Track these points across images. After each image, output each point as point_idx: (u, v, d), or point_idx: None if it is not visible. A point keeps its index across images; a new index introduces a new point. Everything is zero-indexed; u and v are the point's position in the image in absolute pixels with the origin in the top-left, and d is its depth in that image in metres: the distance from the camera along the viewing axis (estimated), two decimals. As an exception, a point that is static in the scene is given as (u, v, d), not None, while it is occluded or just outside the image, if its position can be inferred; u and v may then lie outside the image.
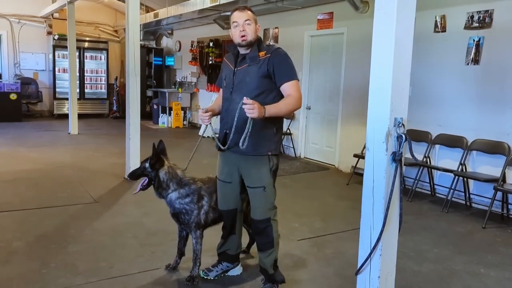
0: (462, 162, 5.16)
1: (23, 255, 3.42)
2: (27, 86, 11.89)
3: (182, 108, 11.30)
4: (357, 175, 6.07)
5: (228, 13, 8.57)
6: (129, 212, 4.53)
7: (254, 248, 3.30)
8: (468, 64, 5.22)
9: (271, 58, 2.71)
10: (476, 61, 5.13)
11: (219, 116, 2.97)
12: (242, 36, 2.71)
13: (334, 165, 7.21)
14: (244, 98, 2.50)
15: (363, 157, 5.68)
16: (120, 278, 3.09)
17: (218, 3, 7.68)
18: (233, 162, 2.85)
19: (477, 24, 5.10)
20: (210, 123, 2.88)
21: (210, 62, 10.22)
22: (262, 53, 2.74)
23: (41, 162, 6.70)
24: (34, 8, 11.77)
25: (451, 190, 5.08)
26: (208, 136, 9.75)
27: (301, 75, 7.78)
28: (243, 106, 2.49)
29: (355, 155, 6.06)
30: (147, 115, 11.90)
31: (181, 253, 3.25)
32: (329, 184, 6.19)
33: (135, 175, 3.08)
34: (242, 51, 2.79)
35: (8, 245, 3.59)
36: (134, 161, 5.82)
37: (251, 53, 2.76)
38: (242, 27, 2.71)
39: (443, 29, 5.47)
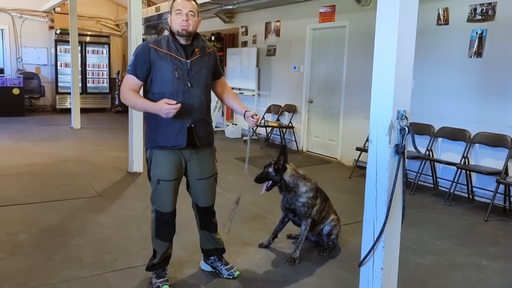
0: (464, 155, 5.17)
1: (29, 248, 3.46)
2: (29, 80, 11.91)
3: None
4: (359, 169, 6.08)
5: (230, 7, 8.63)
6: (133, 206, 4.56)
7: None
8: (470, 57, 5.21)
9: (213, 53, 2.87)
10: (479, 54, 5.12)
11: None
12: (183, 26, 2.61)
13: (336, 159, 7.22)
14: (255, 115, 2.79)
15: (365, 150, 5.69)
16: (125, 271, 3.12)
17: (220, -3, 7.66)
18: (181, 158, 2.75)
19: (480, 17, 5.08)
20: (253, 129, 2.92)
21: (211, 56, 10.19)
22: (208, 48, 2.83)
23: (44, 156, 6.73)
24: (35, 2, 11.74)
25: (454, 183, 5.09)
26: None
27: (303, 68, 7.79)
28: (253, 121, 2.78)
29: (357, 148, 6.07)
30: (149, 109, 11.89)
31: (275, 235, 3.62)
32: (331, 177, 6.21)
33: (260, 179, 3.36)
34: (182, 41, 2.69)
35: (14, 238, 3.62)
36: (137, 155, 5.86)
37: (198, 43, 2.74)
38: (185, 16, 2.60)
39: (446, 22, 5.46)
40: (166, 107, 2.51)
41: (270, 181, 3.36)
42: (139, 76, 2.67)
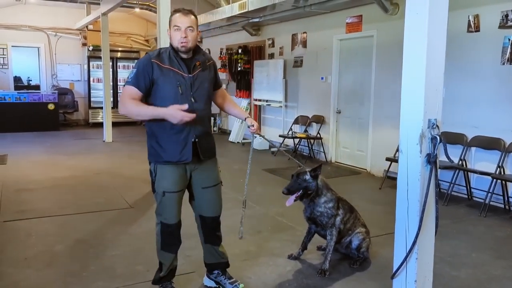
0: (500, 165, 5.01)
1: (64, 258, 3.55)
2: (63, 96, 12.36)
3: (212, 115, 11.43)
4: (390, 179, 5.98)
5: (257, 20, 8.73)
6: (163, 217, 4.61)
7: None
8: (504, 63, 5.08)
9: (213, 65, 2.86)
10: (512, 60, 4.99)
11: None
12: (183, 43, 2.60)
13: (366, 169, 7.12)
14: (255, 123, 2.87)
15: (395, 161, 5.60)
16: (157, 281, 3.15)
17: (246, 10, 7.76)
18: (186, 170, 2.76)
19: (513, 23, 4.97)
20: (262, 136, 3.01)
21: (239, 69, 10.33)
22: (208, 60, 2.84)
23: (78, 169, 6.93)
24: (69, 21, 12.24)
25: (489, 194, 4.93)
26: (238, 142, 9.88)
27: (330, 78, 7.76)
28: (255, 132, 2.88)
29: (387, 159, 5.98)
30: (178, 122, 12.08)
31: (304, 247, 3.60)
32: (361, 188, 6.12)
33: (292, 190, 3.31)
34: (183, 55, 2.67)
35: (50, 249, 3.73)
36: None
37: (199, 57, 2.74)
38: (184, 33, 2.58)
39: (477, 29, 5.35)
40: (181, 114, 2.49)
41: (301, 191, 3.31)
42: (140, 88, 2.62)
